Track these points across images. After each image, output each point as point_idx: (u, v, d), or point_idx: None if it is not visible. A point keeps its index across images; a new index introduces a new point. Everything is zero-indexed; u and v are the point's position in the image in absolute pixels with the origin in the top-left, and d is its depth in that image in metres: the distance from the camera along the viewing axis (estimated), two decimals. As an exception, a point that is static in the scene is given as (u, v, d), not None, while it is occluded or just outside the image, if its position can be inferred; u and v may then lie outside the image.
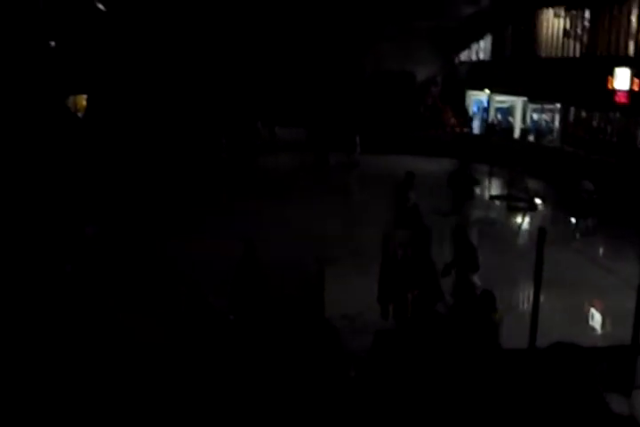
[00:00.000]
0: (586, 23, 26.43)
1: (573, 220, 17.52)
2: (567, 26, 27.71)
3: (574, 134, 27.35)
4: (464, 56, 37.27)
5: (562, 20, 28.09)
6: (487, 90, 33.89)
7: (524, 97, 31.70)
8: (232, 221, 16.56)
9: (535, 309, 8.44)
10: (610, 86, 23.38)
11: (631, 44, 23.37)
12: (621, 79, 22.90)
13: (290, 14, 31.36)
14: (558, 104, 29.16)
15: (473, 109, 36.29)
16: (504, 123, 33.53)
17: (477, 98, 35.81)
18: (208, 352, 7.43)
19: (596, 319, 12.35)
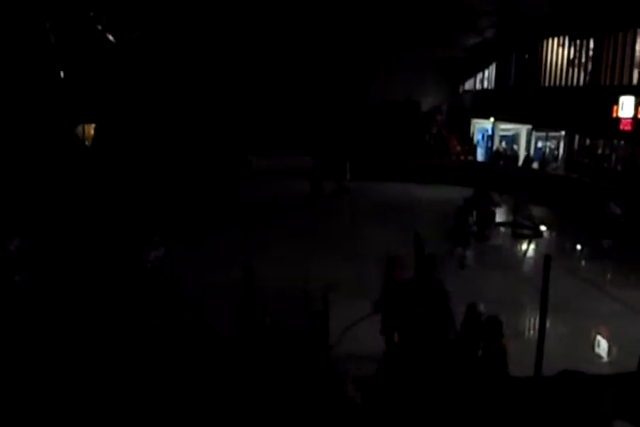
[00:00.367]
0: (590, 52, 26.62)
1: (579, 246, 17.53)
2: (571, 55, 27.92)
3: (579, 162, 27.43)
4: (469, 85, 37.56)
5: (566, 50, 28.30)
6: (492, 118, 34.08)
7: (529, 125, 31.87)
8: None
9: (541, 335, 8.42)
10: (614, 114, 23.48)
11: (635, 73, 23.50)
12: (626, 107, 23.00)
13: (296, 43, 31.68)
14: (563, 132, 29.29)
15: (478, 137, 36.46)
16: (509, 150, 33.64)
17: (482, 126, 35.98)
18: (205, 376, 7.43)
19: (602, 346, 12.31)
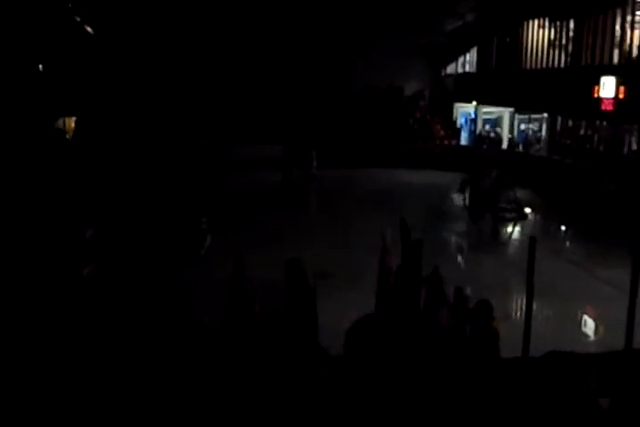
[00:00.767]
0: (570, 33, 26.67)
1: (563, 227, 17.65)
2: (552, 36, 27.96)
3: (561, 143, 27.54)
4: (451, 69, 37.55)
5: (546, 31, 28.33)
6: (474, 102, 34.12)
7: (511, 108, 31.94)
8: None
9: (528, 318, 8.48)
10: (596, 95, 23.55)
11: (616, 53, 23.58)
12: (607, 88, 23.06)
13: (276, 31, 31.55)
14: (545, 114, 29.38)
15: (461, 121, 36.50)
16: (492, 134, 33.72)
17: (465, 110, 36.01)
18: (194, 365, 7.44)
19: (589, 326, 12.42)
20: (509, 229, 19.38)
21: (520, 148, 31.12)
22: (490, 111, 34.21)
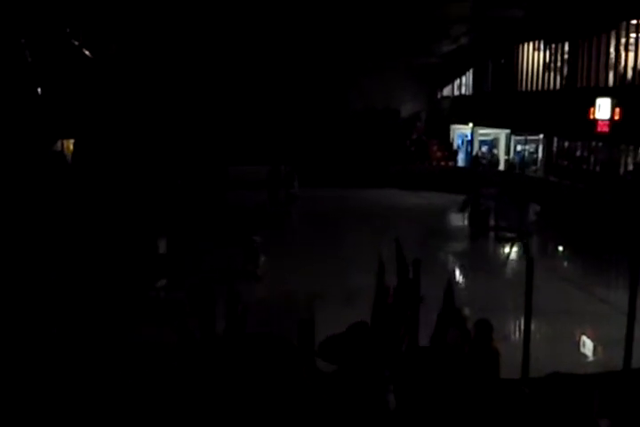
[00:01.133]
0: (565, 56, 26.87)
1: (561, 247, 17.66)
2: (547, 59, 28.18)
3: (558, 164, 27.63)
4: (447, 91, 37.77)
5: (541, 53, 28.55)
6: (471, 123, 34.28)
7: (507, 129, 32.09)
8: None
9: (526, 337, 8.48)
10: (591, 116, 23.70)
11: (611, 75, 23.76)
12: (603, 109, 23.21)
13: (273, 55, 31.75)
14: (541, 135, 29.50)
15: (457, 143, 36.65)
16: (487, 155, 33.85)
17: (461, 131, 36.17)
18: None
19: (587, 346, 12.40)
20: (507, 249, 19.41)
21: (516, 169, 31.22)
22: (486, 133, 34.37)
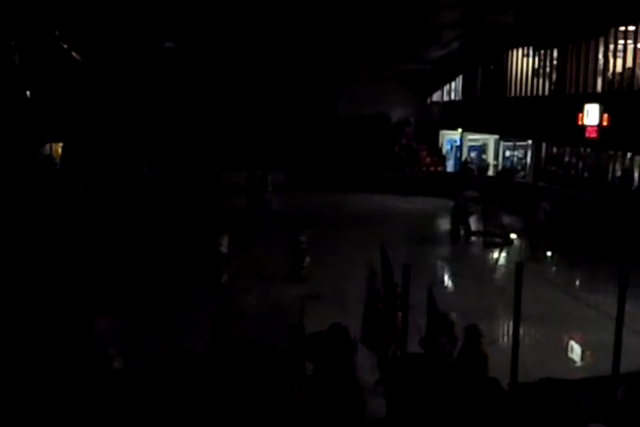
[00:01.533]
0: (554, 62, 26.99)
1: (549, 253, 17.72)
2: (536, 65, 28.28)
3: (546, 170, 27.72)
4: (437, 97, 37.87)
5: (530, 60, 28.66)
6: (460, 129, 34.37)
7: (496, 135, 32.18)
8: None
9: (515, 342, 8.46)
10: (580, 122, 23.79)
11: (599, 81, 23.86)
12: (591, 115, 23.31)
13: (264, 61, 31.74)
14: (530, 141, 29.60)
15: (447, 148, 36.72)
16: (477, 160, 33.95)
17: (451, 137, 36.25)
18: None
19: (575, 351, 12.41)
20: (495, 254, 19.45)
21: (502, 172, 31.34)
22: (475, 138, 34.46)
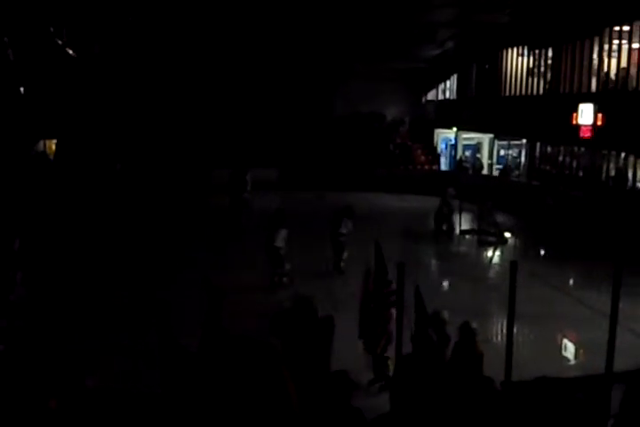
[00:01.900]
0: (549, 61, 27.04)
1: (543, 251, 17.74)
2: (530, 64, 28.34)
3: (541, 169, 27.76)
4: (431, 95, 37.91)
5: (525, 59, 28.72)
6: (454, 128, 34.41)
7: (491, 134, 32.22)
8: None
9: (509, 341, 8.47)
10: (574, 122, 23.84)
11: (594, 80, 23.91)
12: (585, 114, 23.36)
13: (258, 58, 31.67)
14: (524, 140, 29.65)
15: (441, 147, 36.75)
16: (471, 159, 33.96)
17: (445, 136, 36.29)
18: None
19: (569, 349, 12.44)
20: (490, 253, 19.48)
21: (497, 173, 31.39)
22: (470, 137, 34.50)
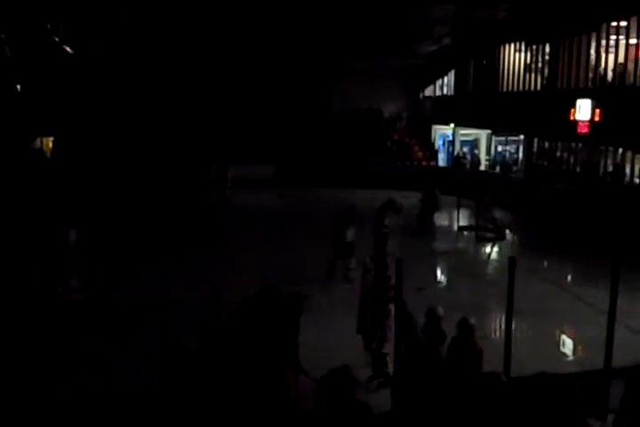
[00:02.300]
0: (546, 57, 27.01)
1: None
2: (528, 60, 28.30)
3: (538, 165, 27.74)
4: (429, 91, 37.88)
5: (522, 55, 28.67)
6: (452, 124, 34.38)
7: (488, 130, 32.19)
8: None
9: (508, 337, 8.47)
10: (572, 117, 23.82)
11: (591, 76, 23.88)
12: (583, 110, 23.34)
13: (256, 55, 31.61)
14: (522, 136, 29.62)
15: (439, 143, 36.74)
16: (469, 155, 33.96)
17: (443, 132, 36.26)
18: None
19: (568, 345, 12.45)
20: (488, 248, 19.49)
21: (498, 169, 31.37)
22: (467, 133, 34.47)
